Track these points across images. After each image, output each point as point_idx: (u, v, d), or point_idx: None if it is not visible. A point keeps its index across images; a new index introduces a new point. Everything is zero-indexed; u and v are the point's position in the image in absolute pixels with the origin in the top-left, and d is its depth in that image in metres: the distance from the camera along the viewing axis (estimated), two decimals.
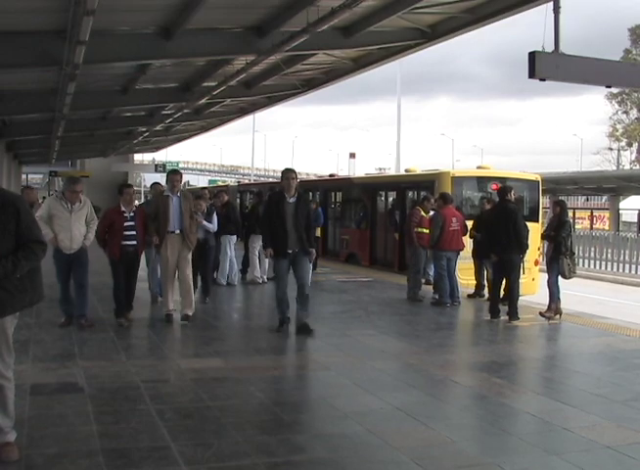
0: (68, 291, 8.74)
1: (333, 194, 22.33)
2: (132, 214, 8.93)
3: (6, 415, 4.44)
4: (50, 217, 8.34)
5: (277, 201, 8.75)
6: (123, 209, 8.93)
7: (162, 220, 9.21)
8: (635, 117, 66.61)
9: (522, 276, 10.62)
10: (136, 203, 9.64)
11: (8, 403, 4.45)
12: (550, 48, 9.44)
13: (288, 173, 8.81)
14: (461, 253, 12.01)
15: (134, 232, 8.90)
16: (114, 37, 12.19)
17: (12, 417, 4.49)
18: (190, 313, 9.36)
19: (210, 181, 65.42)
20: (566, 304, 10.76)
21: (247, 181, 52.96)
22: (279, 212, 8.63)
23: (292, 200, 8.65)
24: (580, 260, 24.16)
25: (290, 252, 8.61)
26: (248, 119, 46.48)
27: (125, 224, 8.84)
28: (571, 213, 35.88)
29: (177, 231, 9.27)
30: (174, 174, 9.63)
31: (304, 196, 9.13)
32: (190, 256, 9.49)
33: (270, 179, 68.76)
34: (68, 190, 8.46)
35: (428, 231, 11.82)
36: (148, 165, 53.06)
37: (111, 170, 41.25)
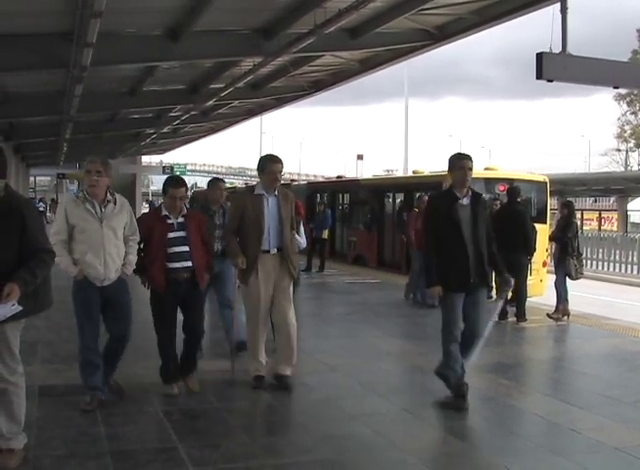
0: (95, 350, 5.51)
1: (340, 195, 22.39)
2: (181, 221, 5.91)
3: (11, 420, 4.29)
4: (70, 231, 5.29)
5: (448, 205, 5.74)
6: (165, 212, 5.93)
7: (254, 233, 6.04)
8: None
9: (529, 278, 10.61)
10: None
11: (14, 409, 4.28)
12: (558, 49, 9.43)
13: (463, 161, 5.79)
14: None
15: (187, 248, 5.83)
16: (121, 39, 12.21)
17: (19, 423, 4.34)
18: (289, 373, 6.23)
19: None
20: (574, 305, 10.73)
21: (255, 183, 52.98)
22: (452, 222, 5.65)
23: (465, 201, 5.74)
24: (589, 262, 24.07)
25: (472, 282, 5.70)
26: (255, 121, 46.51)
27: (170, 236, 5.83)
28: (579, 215, 35.75)
29: (274, 250, 6.09)
30: (276, 163, 6.17)
31: (481, 196, 6.04)
32: (292, 288, 6.29)
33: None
34: (88, 173, 5.32)
35: None
36: (155, 167, 53.19)
37: (118, 172, 41.32)
